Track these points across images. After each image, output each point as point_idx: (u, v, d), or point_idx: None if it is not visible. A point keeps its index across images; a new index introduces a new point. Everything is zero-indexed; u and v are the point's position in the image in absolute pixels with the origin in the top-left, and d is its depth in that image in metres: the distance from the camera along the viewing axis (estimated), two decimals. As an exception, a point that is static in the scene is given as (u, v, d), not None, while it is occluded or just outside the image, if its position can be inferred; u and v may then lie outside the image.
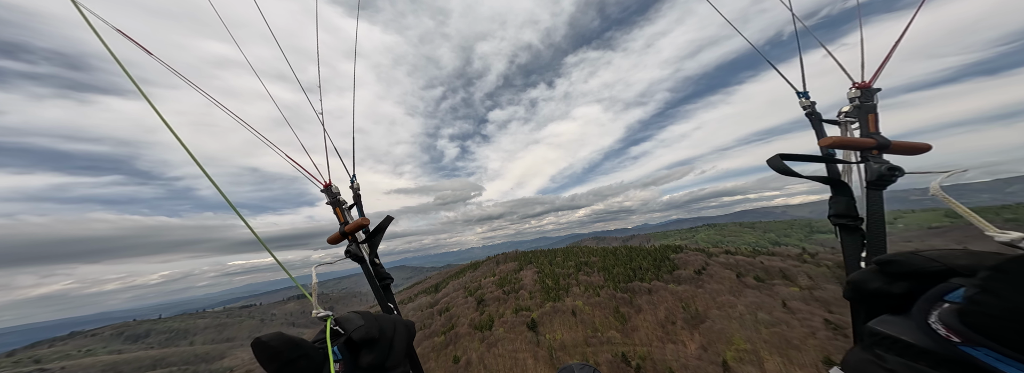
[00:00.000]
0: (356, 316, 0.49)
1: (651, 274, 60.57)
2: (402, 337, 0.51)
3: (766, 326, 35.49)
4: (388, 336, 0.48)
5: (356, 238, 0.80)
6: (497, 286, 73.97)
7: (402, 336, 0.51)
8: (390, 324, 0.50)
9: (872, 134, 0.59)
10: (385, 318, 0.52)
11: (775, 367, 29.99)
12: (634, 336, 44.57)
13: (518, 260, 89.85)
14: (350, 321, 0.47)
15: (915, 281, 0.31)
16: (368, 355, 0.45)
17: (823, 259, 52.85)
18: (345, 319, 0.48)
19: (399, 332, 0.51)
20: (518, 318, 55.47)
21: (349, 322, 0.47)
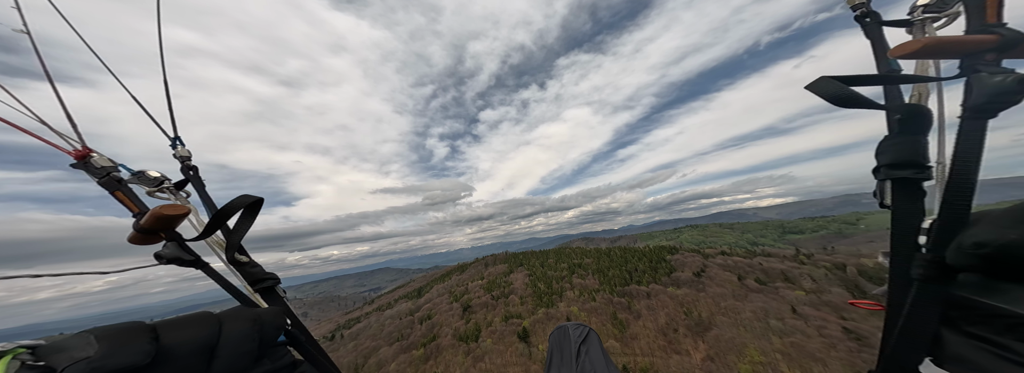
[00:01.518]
0: (81, 339, 0.31)
1: (648, 276, 57.63)
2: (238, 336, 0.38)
3: (779, 335, 32.76)
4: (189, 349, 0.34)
5: (177, 235, 0.54)
6: (485, 290, 68.82)
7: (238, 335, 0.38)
8: (194, 329, 0.36)
9: (991, 27, 0.37)
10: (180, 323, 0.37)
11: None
12: (634, 345, 40.87)
13: (508, 262, 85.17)
14: (65, 351, 0.30)
15: None
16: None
17: (820, 260, 51.76)
18: (56, 348, 0.30)
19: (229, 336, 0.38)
20: (508, 327, 50.64)
21: (62, 352, 0.30)
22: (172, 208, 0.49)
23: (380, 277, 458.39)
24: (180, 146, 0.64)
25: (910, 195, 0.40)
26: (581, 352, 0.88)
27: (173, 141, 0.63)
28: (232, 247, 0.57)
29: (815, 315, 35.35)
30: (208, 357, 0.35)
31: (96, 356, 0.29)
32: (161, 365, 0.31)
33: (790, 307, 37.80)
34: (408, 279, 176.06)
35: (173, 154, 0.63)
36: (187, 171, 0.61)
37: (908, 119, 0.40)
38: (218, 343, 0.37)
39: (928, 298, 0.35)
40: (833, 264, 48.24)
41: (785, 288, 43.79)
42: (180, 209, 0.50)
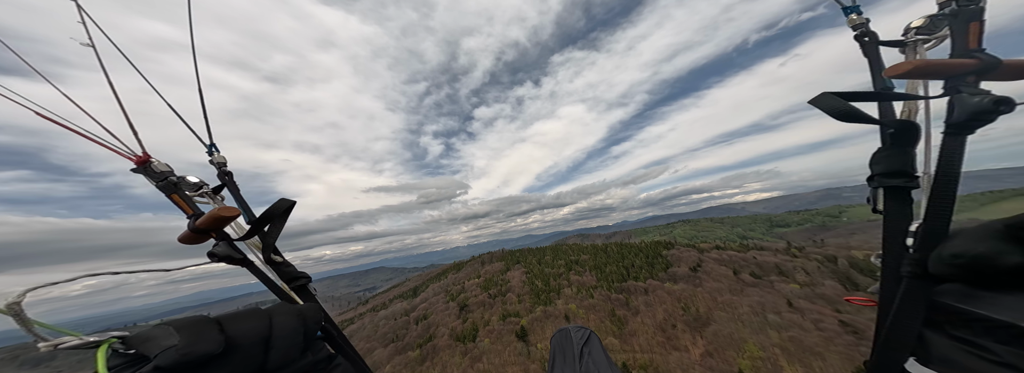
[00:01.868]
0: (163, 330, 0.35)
1: (645, 272, 57.68)
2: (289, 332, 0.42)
3: (777, 329, 32.96)
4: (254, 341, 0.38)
5: (226, 234, 0.58)
6: (482, 289, 67.89)
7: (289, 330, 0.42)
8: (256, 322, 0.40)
9: (973, 52, 0.42)
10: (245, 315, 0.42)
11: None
12: (633, 342, 40.73)
13: (505, 259, 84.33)
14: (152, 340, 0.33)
15: None
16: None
17: (812, 253, 52.71)
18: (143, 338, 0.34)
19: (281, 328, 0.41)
20: (506, 326, 49.92)
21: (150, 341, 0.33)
22: (227, 210, 0.52)
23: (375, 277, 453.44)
24: (216, 153, 0.67)
25: (899, 201, 0.44)
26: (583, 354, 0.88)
27: (209, 148, 0.66)
28: (268, 247, 0.61)
29: (811, 308, 35.71)
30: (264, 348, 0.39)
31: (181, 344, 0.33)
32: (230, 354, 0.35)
33: (786, 301, 38.15)
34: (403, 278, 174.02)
35: (209, 160, 0.67)
36: (223, 176, 0.65)
37: (899, 133, 0.44)
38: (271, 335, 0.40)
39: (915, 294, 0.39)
40: (824, 256, 49.15)
41: (780, 282, 44.30)
42: (234, 211, 0.53)
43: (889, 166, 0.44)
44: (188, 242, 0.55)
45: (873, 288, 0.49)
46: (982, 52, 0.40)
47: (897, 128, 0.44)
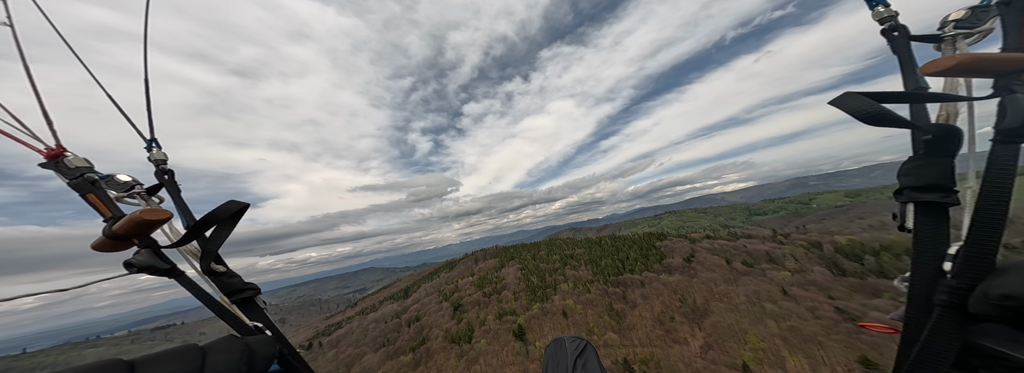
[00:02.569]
0: None
1: (640, 264, 57.60)
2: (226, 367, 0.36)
3: (775, 319, 33.20)
4: None
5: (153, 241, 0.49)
6: (476, 287, 65.93)
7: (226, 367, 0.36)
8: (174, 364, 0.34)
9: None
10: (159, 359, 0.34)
11: (802, 369, 26.98)
12: (632, 336, 40.28)
13: (498, 256, 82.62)
14: None
15: None
16: None
17: (797, 239, 54.29)
18: None
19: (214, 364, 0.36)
20: (502, 325, 48.40)
21: None
22: (153, 213, 0.44)
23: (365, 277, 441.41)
24: (156, 149, 0.61)
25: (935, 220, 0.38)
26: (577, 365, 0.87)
27: (149, 143, 0.61)
28: (209, 256, 0.53)
29: (805, 296, 36.26)
30: None
31: None
32: None
33: (780, 289, 38.63)
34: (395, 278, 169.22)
35: (148, 157, 0.61)
36: (162, 175, 0.59)
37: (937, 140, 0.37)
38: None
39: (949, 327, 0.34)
40: (809, 243, 50.64)
41: (771, 269, 45.09)
42: (161, 214, 0.46)
43: (922, 178, 0.38)
44: (103, 250, 0.47)
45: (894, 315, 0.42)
46: None
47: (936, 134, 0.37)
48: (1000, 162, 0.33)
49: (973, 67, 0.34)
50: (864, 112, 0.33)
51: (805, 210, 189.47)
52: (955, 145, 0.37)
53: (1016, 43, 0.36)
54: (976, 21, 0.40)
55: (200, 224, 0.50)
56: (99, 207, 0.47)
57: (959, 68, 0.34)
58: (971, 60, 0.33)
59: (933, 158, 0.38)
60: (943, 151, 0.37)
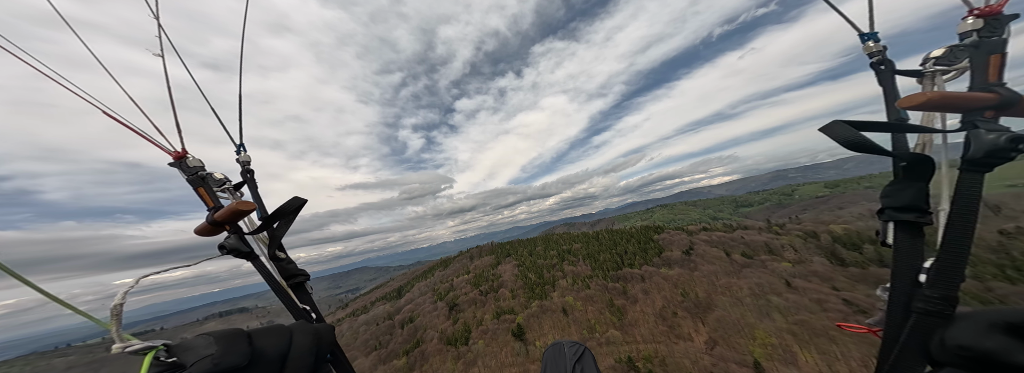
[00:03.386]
0: (204, 340, 0.38)
1: (639, 258, 56.64)
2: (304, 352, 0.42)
3: (782, 312, 32.50)
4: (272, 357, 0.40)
5: (239, 228, 0.62)
6: (472, 285, 63.76)
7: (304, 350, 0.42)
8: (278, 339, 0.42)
9: (993, 85, 0.40)
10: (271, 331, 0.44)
11: (816, 366, 26.12)
12: (635, 333, 39.16)
13: (494, 253, 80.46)
14: (192, 349, 0.37)
15: None
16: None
17: (792, 229, 54.49)
18: (184, 347, 0.37)
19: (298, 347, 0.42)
20: (500, 324, 46.56)
21: (190, 351, 0.37)
22: (244, 204, 0.56)
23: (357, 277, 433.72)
24: (243, 152, 0.72)
25: (911, 237, 0.43)
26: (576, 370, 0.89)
27: (238, 147, 0.72)
28: (275, 243, 0.64)
29: (809, 287, 35.76)
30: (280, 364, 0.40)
31: (217, 354, 0.36)
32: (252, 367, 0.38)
33: (783, 281, 38.09)
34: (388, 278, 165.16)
35: (236, 159, 0.72)
36: (246, 174, 0.69)
37: (912, 167, 0.42)
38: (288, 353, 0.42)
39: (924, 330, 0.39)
40: (805, 232, 50.81)
41: (771, 261, 44.78)
42: (249, 206, 0.57)
43: (900, 200, 0.43)
44: (204, 234, 0.59)
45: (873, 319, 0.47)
46: (1002, 86, 0.39)
47: (910, 161, 0.43)
48: (966, 188, 0.38)
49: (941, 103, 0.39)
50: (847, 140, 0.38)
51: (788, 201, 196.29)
52: (928, 171, 0.42)
53: (982, 83, 0.41)
54: (954, 59, 0.44)
55: (272, 216, 0.62)
56: (205, 199, 0.60)
57: (928, 104, 0.39)
58: (940, 97, 0.39)
59: (909, 182, 0.43)
60: (918, 176, 0.42)
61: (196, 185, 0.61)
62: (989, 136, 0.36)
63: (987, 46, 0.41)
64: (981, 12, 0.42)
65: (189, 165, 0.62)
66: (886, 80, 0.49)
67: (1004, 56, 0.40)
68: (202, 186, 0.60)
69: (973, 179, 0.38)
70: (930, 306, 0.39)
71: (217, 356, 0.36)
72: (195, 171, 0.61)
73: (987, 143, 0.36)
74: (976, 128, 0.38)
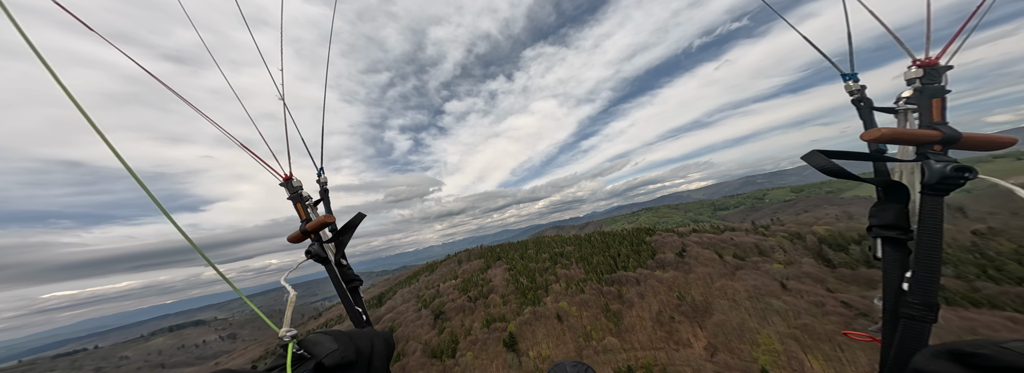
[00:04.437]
0: (326, 337, 0.45)
1: (633, 261, 55.57)
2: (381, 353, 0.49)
3: (783, 316, 31.93)
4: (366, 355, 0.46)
5: (320, 237, 0.76)
6: (460, 291, 59.88)
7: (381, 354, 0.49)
8: (367, 342, 0.48)
9: (937, 124, 0.48)
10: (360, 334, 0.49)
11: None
12: (632, 339, 37.37)
13: (484, 256, 76.90)
14: (318, 344, 0.43)
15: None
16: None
17: (777, 231, 55.78)
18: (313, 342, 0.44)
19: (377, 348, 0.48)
20: (491, 333, 43.28)
21: (317, 345, 0.43)
22: (327, 217, 0.72)
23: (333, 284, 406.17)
24: (323, 175, 0.87)
25: (896, 251, 0.50)
26: None
27: (319, 171, 0.86)
28: (340, 251, 0.78)
29: (804, 289, 35.69)
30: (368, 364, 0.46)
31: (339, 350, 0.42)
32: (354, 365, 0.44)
33: (778, 283, 37.93)
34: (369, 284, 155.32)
35: (316, 180, 0.85)
36: (324, 193, 0.83)
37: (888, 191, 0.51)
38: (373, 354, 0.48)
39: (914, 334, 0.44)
40: (790, 233, 52.01)
41: (763, 262, 44.98)
42: (331, 219, 0.72)
43: (884, 220, 0.51)
44: (296, 241, 0.74)
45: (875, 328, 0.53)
46: (944, 125, 0.47)
47: (885, 187, 0.51)
48: (928, 209, 0.45)
49: (894, 138, 0.47)
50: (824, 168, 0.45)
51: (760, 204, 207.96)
52: (904, 195, 0.50)
53: (927, 122, 0.49)
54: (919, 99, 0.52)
55: (344, 228, 0.78)
56: (300, 212, 0.75)
57: (883, 138, 0.47)
58: (892, 133, 0.47)
59: (891, 204, 0.51)
60: (896, 199, 0.50)
61: (295, 201, 0.75)
62: (937, 166, 0.44)
63: (929, 91, 0.50)
64: (921, 63, 0.52)
65: (293, 185, 0.76)
66: (865, 115, 0.57)
67: (944, 100, 0.49)
68: (299, 202, 0.75)
69: (933, 201, 0.45)
70: (913, 311, 0.45)
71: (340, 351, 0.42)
72: (297, 190, 0.76)
73: (936, 172, 0.44)
74: (928, 159, 0.46)
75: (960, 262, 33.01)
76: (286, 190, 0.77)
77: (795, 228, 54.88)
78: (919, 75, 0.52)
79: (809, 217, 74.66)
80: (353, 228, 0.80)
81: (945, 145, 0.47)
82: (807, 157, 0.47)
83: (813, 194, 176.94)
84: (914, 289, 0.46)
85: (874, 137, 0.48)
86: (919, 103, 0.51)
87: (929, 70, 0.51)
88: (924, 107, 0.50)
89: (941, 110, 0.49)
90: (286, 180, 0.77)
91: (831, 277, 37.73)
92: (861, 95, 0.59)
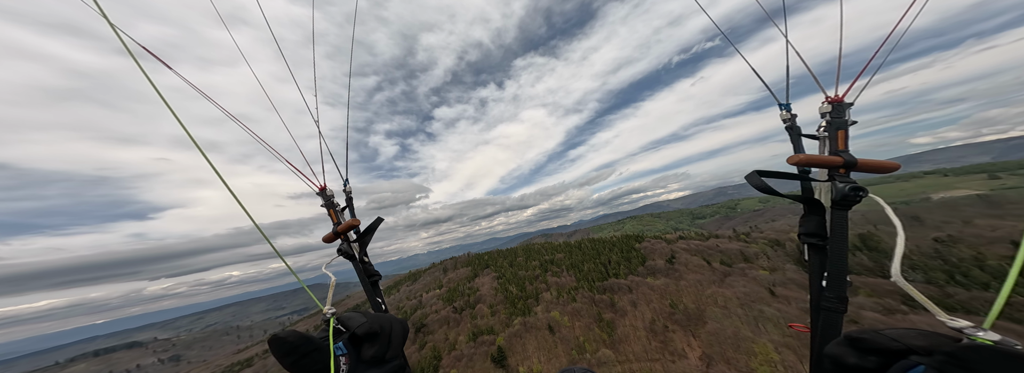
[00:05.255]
0: (358, 315, 0.58)
1: (624, 268, 54.96)
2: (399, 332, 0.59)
3: (776, 324, 31.85)
4: (387, 331, 0.56)
5: (348, 237, 0.88)
6: (445, 301, 56.02)
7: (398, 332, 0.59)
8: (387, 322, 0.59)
9: (840, 152, 0.58)
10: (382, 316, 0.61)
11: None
12: (627, 350, 35.87)
13: (471, 264, 73.41)
14: (352, 319, 0.56)
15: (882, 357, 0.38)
16: (370, 348, 0.52)
17: (757, 237, 57.85)
18: (347, 317, 0.56)
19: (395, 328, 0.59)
20: (478, 347, 40.07)
21: (351, 320, 0.55)
22: (354, 221, 0.85)
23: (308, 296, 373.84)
24: (348, 184, 0.97)
25: (817, 254, 0.60)
26: None
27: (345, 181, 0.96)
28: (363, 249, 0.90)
29: (792, 296, 36.30)
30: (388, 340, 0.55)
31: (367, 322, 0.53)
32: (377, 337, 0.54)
33: (767, 289, 38.44)
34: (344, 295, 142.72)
35: (342, 189, 0.95)
36: (349, 200, 0.95)
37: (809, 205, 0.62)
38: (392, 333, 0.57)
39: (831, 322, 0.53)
40: (769, 240, 54.03)
41: (749, 268, 45.83)
42: (357, 222, 0.86)
43: (808, 229, 0.61)
44: (329, 241, 0.86)
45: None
46: (846, 153, 0.57)
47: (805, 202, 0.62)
48: (836, 221, 0.56)
49: (808, 162, 0.57)
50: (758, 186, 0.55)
51: (733, 213, 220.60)
52: (821, 209, 0.61)
53: (833, 149, 0.59)
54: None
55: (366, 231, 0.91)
56: (332, 216, 0.86)
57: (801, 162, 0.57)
58: (806, 158, 0.57)
59: (811, 216, 0.61)
60: (815, 212, 0.61)
61: (328, 207, 0.87)
62: (840, 186, 0.54)
63: (836, 124, 0.60)
64: (830, 100, 0.62)
65: (326, 195, 0.88)
66: (795, 140, 0.68)
67: (847, 131, 0.60)
68: (331, 207, 0.87)
69: (840, 215, 0.55)
70: (829, 304, 0.54)
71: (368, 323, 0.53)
72: (330, 198, 0.88)
73: (839, 191, 0.54)
74: (833, 180, 0.56)
75: (928, 268, 35.18)
76: (321, 199, 0.89)
77: (773, 235, 57.17)
78: (828, 110, 0.62)
79: (784, 224, 78.94)
80: (373, 231, 0.93)
81: (847, 169, 0.56)
82: (748, 177, 0.57)
83: (778, 205, 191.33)
84: (830, 285, 0.55)
85: (795, 161, 0.58)
86: (829, 133, 0.61)
87: (836, 106, 0.62)
88: (832, 137, 0.60)
89: (845, 139, 0.59)
90: (321, 190, 0.88)
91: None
92: (792, 123, 0.71)
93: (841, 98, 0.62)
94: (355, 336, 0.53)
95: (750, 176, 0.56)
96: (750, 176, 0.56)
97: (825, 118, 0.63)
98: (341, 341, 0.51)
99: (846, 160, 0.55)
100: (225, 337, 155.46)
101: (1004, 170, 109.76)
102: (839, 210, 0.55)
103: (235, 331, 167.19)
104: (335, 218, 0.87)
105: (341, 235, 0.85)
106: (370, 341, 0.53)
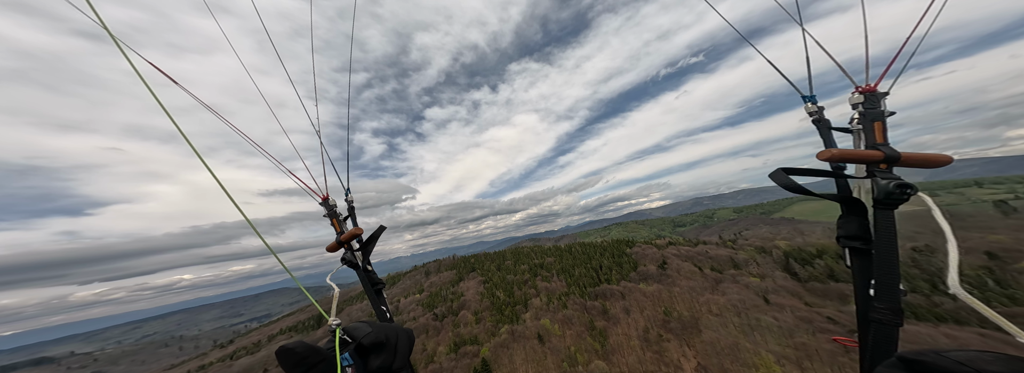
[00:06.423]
0: (364, 325, 0.58)
1: (616, 273, 53.24)
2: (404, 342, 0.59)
3: (774, 333, 30.81)
4: (393, 341, 0.56)
5: (351, 246, 0.91)
6: (425, 307, 51.42)
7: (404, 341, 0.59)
8: (393, 332, 0.58)
9: (879, 145, 0.53)
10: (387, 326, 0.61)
11: None
12: (620, 361, 33.50)
13: (456, 267, 69.14)
14: (358, 329, 0.56)
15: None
16: (377, 358, 0.52)
17: (743, 245, 58.59)
18: (353, 328, 0.56)
19: (401, 338, 0.59)
20: (459, 360, 36.12)
21: (357, 330, 0.55)
22: (357, 229, 0.88)
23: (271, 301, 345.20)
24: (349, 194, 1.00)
25: (862, 259, 0.54)
26: None
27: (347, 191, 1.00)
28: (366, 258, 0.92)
29: (787, 304, 35.75)
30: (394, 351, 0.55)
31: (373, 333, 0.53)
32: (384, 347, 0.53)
33: (761, 297, 37.77)
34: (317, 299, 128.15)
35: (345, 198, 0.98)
36: (351, 210, 0.97)
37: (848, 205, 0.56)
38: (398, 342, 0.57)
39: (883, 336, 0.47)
40: (756, 247, 54.69)
41: (740, 275, 45.52)
42: (360, 231, 0.88)
43: (848, 231, 0.56)
44: (331, 250, 0.89)
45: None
46: (885, 146, 0.52)
47: (844, 202, 0.56)
48: (881, 221, 0.50)
49: (842, 158, 0.52)
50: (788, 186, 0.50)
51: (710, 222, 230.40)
52: (862, 208, 0.55)
53: (871, 143, 0.54)
54: None
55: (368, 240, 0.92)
56: (335, 226, 0.89)
57: (833, 158, 0.52)
58: (840, 154, 0.51)
59: (852, 217, 0.55)
60: (856, 212, 0.55)
61: (331, 217, 0.90)
62: (882, 183, 0.50)
63: (871, 115, 0.55)
64: (862, 90, 0.58)
65: (329, 205, 0.91)
66: (825, 135, 0.62)
67: (884, 122, 0.54)
68: (334, 217, 0.90)
69: (884, 214, 0.51)
70: (880, 316, 0.48)
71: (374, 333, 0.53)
72: (333, 208, 0.91)
73: (881, 188, 0.49)
74: (874, 176, 0.51)
75: (910, 277, 36.14)
76: (324, 208, 0.91)
77: (759, 243, 58.17)
78: (860, 100, 0.58)
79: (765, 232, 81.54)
80: (375, 239, 0.94)
81: (888, 164, 0.51)
82: (773, 175, 0.51)
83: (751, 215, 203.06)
84: (879, 294, 0.50)
85: (826, 157, 0.52)
86: (863, 125, 0.56)
87: (869, 96, 0.57)
88: (868, 129, 0.56)
89: (882, 132, 0.55)
90: (324, 200, 0.91)
91: (804, 291, 38.84)
92: (820, 116, 0.65)
93: (874, 88, 0.58)
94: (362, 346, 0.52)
95: (775, 174, 0.51)
96: (775, 174, 0.51)
97: (857, 110, 0.57)
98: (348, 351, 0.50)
99: (888, 154, 0.51)
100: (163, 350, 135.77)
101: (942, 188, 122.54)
102: (882, 209, 0.51)
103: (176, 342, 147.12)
104: (338, 228, 0.88)
105: (345, 244, 0.86)
106: (376, 351, 0.53)
